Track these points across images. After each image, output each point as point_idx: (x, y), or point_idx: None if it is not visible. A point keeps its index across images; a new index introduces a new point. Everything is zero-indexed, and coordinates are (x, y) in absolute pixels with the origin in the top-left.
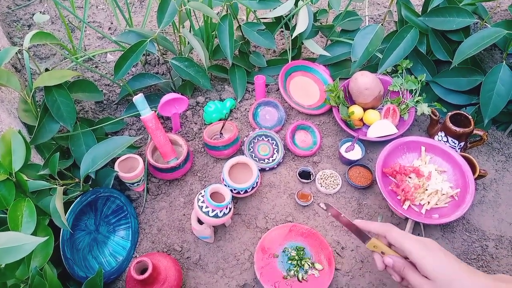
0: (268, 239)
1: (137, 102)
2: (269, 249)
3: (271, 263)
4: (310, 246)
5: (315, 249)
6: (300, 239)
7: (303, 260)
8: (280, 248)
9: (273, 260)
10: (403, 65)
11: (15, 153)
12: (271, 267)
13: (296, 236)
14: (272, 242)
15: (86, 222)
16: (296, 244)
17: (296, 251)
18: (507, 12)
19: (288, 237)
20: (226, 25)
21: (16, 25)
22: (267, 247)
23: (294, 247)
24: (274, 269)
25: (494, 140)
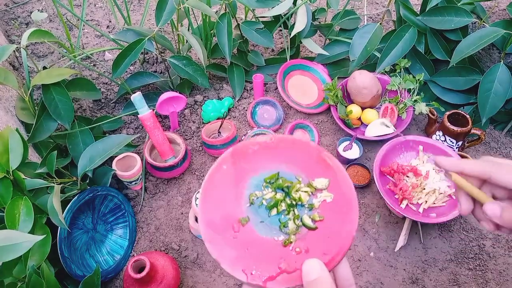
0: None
1: (135, 100)
2: (224, 216)
3: (245, 238)
4: (286, 162)
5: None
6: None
7: (293, 192)
8: (241, 203)
9: (245, 231)
10: (401, 64)
11: (13, 151)
12: (251, 243)
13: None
14: (220, 200)
15: (83, 220)
16: (262, 176)
17: (272, 187)
18: (505, 12)
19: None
20: (224, 24)
21: (14, 23)
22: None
23: (261, 184)
24: (259, 243)
25: (492, 140)
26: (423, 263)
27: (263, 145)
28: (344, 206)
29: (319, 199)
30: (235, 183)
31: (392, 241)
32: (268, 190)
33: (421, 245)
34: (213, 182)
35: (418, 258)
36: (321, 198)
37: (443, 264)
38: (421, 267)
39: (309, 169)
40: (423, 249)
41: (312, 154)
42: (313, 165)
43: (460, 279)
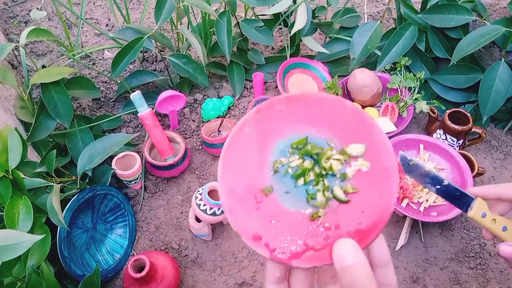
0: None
1: (135, 99)
2: (247, 183)
3: (268, 209)
4: (315, 126)
5: (330, 124)
6: (288, 128)
7: (323, 160)
8: (265, 171)
9: (269, 202)
10: (402, 63)
11: (12, 150)
12: (274, 215)
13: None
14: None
15: (83, 220)
16: (288, 141)
17: (299, 153)
18: (506, 10)
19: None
20: (224, 22)
21: (12, 22)
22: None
23: (287, 149)
24: (283, 215)
25: (493, 138)
26: (424, 262)
27: (291, 103)
28: (382, 177)
29: (353, 168)
30: (259, 148)
31: (393, 240)
32: (295, 157)
33: (422, 244)
34: (235, 146)
35: (419, 257)
36: (355, 167)
37: (444, 263)
38: (422, 266)
39: (343, 132)
40: (424, 248)
41: (347, 115)
42: (348, 127)
43: (461, 278)
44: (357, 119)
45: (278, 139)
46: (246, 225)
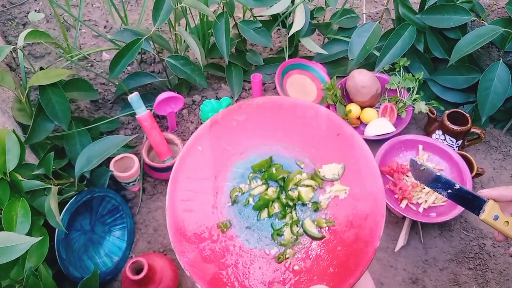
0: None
1: (133, 101)
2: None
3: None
4: (283, 140)
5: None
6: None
7: (291, 186)
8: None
9: (225, 240)
10: (400, 63)
11: (10, 152)
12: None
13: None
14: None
15: (81, 222)
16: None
17: (262, 177)
18: (504, 10)
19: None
20: (222, 23)
21: (10, 24)
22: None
23: (248, 173)
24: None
25: (492, 138)
26: (423, 263)
27: (252, 113)
28: (364, 204)
29: (328, 196)
30: (214, 171)
31: (392, 241)
32: (257, 182)
33: (421, 245)
34: (184, 171)
35: (418, 258)
36: (331, 194)
37: (444, 264)
38: (421, 267)
39: (317, 148)
40: (423, 249)
41: (321, 125)
42: (323, 141)
43: (460, 279)
44: (335, 130)
45: (236, 160)
46: (200, 269)
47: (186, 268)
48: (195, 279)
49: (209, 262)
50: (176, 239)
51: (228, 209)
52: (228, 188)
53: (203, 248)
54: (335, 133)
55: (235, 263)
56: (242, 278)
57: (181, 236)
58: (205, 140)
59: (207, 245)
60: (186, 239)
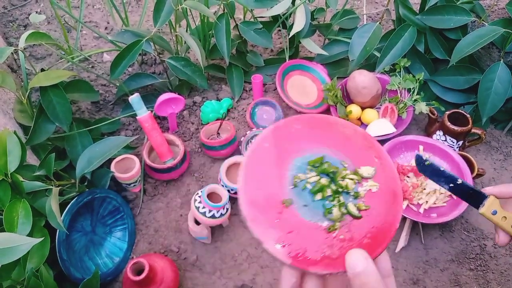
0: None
1: (133, 102)
2: (266, 195)
3: (289, 219)
4: (330, 146)
5: (342, 146)
6: (304, 147)
7: (338, 178)
8: (284, 185)
9: (287, 213)
10: (401, 64)
11: (11, 153)
12: (293, 225)
13: (295, 144)
14: (263, 180)
15: (82, 223)
16: (305, 159)
17: (316, 170)
18: (504, 11)
19: (283, 155)
20: (223, 24)
21: (12, 25)
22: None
23: (305, 167)
24: (301, 226)
25: (492, 139)
26: (424, 264)
27: (307, 124)
28: (388, 197)
29: (364, 188)
30: (278, 162)
31: (393, 242)
32: (313, 173)
33: (422, 246)
34: (255, 160)
35: (419, 258)
36: (366, 187)
37: (444, 265)
38: (422, 267)
39: (355, 155)
40: (424, 250)
41: (358, 139)
42: (358, 151)
43: (461, 280)
44: (367, 144)
45: (295, 156)
46: (267, 234)
47: (257, 233)
48: (263, 241)
49: (275, 228)
50: (248, 209)
51: (289, 191)
52: (289, 175)
53: (270, 217)
54: (368, 146)
55: (294, 230)
56: (295, 242)
57: (253, 207)
58: (270, 140)
59: (273, 216)
60: (257, 209)
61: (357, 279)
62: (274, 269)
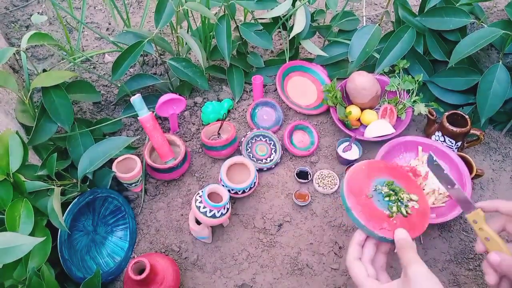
0: (352, 181)
1: (135, 102)
2: (358, 191)
3: (368, 205)
4: (396, 178)
5: (401, 181)
6: (383, 174)
7: (399, 193)
8: (369, 188)
9: (369, 201)
10: (400, 65)
11: (13, 154)
12: (370, 209)
13: (378, 172)
14: (358, 183)
15: (84, 222)
16: (383, 179)
17: (388, 186)
18: (503, 12)
19: (370, 175)
20: (223, 26)
21: (14, 26)
22: (355, 189)
23: (383, 183)
24: (375, 210)
25: (491, 140)
26: None
27: (378, 165)
28: (422, 212)
29: (411, 204)
30: (368, 177)
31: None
32: (385, 187)
33: (420, 246)
34: (356, 172)
35: None
36: (413, 203)
37: (443, 265)
38: None
39: (408, 185)
40: (423, 250)
41: (408, 177)
42: (409, 184)
43: (460, 280)
44: (413, 181)
45: (376, 178)
46: (356, 207)
47: (351, 207)
48: (353, 209)
49: (361, 206)
50: (349, 195)
51: (372, 191)
52: (373, 185)
53: (358, 201)
54: (414, 183)
55: (369, 209)
56: (370, 217)
57: (350, 193)
58: (365, 165)
59: (361, 200)
60: (352, 195)
61: (399, 243)
62: (274, 268)
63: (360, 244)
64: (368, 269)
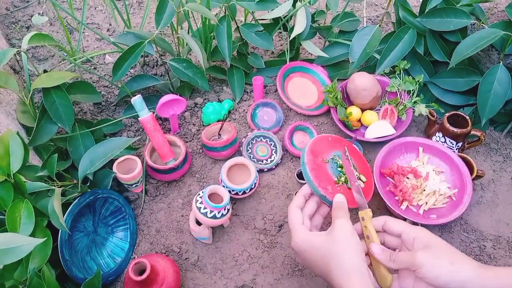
0: (316, 143)
1: (135, 103)
2: (318, 154)
3: (322, 167)
4: (355, 159)
5: (358, 163)
6: (344, 153)
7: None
8: (328, 155)
9: (323, 165)
10: (400, 66)
11: (13, 154)
12: (322, 171)
13: (341, 147)
14: (320, 148)
15: (84, 223)
16: (340, 152)
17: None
18: (504, 13)
19: (333, 146)
20: (224, 27)
21: (14, 27)
22: (316, 151)
23: (341, 156)
24: (326, 173)
25: (492, 141)
26: None
27: (352, 146)
28: (364, 193)
29: (358, 182)
30: (331, 147)
31: None
32: (340, 160)
33: None
34: (322, 139)
35: None
36: (359, 182)
37: None
38: None
39: (362, 169)
40: None
41: (367, 165)
42: (364, 169)
43: None
44: (369, 169)
45: (337, 150)
46: (310, 164)
47: (306, 162)
48: (307, 167)
49: (315, 165)
50: (308, 153)
51: (329, 159)
52: (331, 154)
53: (314, 161)
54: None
55: (321, 171)
56: (320, 177)
57: (311, 152)
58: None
59: (317, 161)
60: (312, 154)
61: (337, 204)
62: (274, 269)
63: (305, 197)
64: (305, 221)
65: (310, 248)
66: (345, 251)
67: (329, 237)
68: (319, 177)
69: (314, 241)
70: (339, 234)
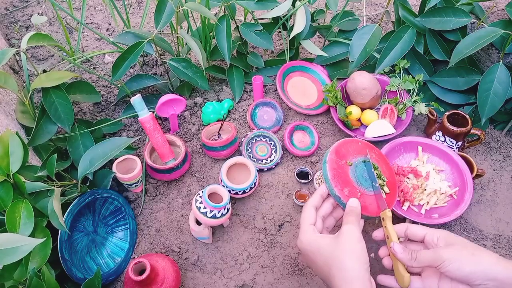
0: (344, 145)
1: (135, 103)
2: (343, 155)
3: (344, 169)
4: (383, 169)
5: (387, 174)
6: (374, 159)
7: (378, 179)
8: (354, 159)
9: (346, 167)
10: (400, 65)
11: (13, 154)
12: (343, 173)
13: (370, 153)
14: (346, 150)
15: (84, 223)
16: (363, 159)
17: (372, 167)
18: (504, 12)
19: (362, 151)
20: (223, 26)
21: (14, 27)
22: (342, 152)
23: (361, 160)
24: (346, 176)
25: (492, 140)
26: None
27: (381, 155)
28: (383, 205)
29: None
30: (358, 151)
31: None
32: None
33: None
34: (352, 142)
35: None
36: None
37: None
38: None
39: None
40: None
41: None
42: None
43: None
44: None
45: (365, 156)
46: (332, 163)
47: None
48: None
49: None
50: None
51: (354, 162)
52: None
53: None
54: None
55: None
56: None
57: (335, 152)
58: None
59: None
60: (336, 155)
61: (349, 208)
62: (274, 269)
63: (322, 196)
64: (318, 221)
65: (315, 251)
66: (349, 258)
67: (335, 241)
68: (337, 178)
69: (320, 244)
70: (345, 240)
